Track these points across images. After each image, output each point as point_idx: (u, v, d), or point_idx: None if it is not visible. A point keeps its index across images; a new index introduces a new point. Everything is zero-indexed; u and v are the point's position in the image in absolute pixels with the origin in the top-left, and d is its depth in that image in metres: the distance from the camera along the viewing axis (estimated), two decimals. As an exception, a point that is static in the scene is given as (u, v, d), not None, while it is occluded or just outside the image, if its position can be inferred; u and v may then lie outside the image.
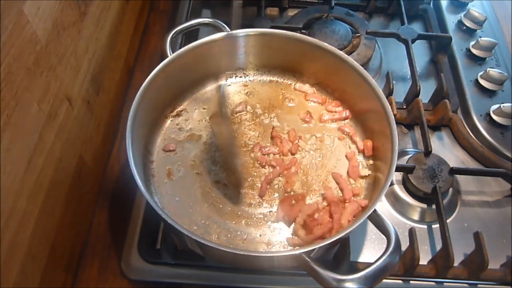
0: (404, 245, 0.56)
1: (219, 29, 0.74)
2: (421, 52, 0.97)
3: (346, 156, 0.71)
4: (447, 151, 0.82)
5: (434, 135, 0.85)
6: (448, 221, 0.72)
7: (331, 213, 0.63)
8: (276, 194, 0.67)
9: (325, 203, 0.65)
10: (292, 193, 0.67)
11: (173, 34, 0.72)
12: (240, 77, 0.80)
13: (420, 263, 0.65)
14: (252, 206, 0.66)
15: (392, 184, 0.76)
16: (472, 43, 0.93)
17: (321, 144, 0.73)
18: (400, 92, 0.87)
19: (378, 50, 0.95)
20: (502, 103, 0.84)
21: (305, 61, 0.77)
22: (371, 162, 0.70)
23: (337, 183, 0.68)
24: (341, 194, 0.67)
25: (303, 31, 0.93)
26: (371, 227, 0.72)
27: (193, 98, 0.77)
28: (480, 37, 0.94)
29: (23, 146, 0.51)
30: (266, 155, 0.70)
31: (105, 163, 0.80)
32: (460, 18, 0.98)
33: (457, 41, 0.95)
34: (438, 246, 0.70)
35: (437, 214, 0.70)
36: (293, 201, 0.65)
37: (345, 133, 0.73)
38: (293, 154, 0.71)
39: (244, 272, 0.66)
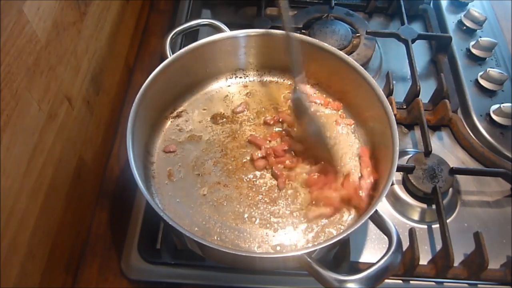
0: (404, 245, 0.56)
1: (219, 30, 0.74)
2: (421, 52, 0.97)
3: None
4: (447, 151, 0.83)
5: (434, 135, 0.85)
6: (448, 221, 0.72)
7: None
8: (275, 194, 0.67)
9: None
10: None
11: (173, 35, 0.72)
12: (240, 77, 0.80)
13: (420, 263, 0.65)
14: (254, 207, 0.66)
15: (392, 184, 0.75)
16: (472, 43, 0.93)
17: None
18: (400, 92, 0.87)
19: (378, 50, 0.95)
20: (502, 103, 0.84)
21: (305, 62, 0.76)
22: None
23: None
24: None
25: (303, 31, 0.93)
26: (371, 227, 0.72)
27: (193, 99, 0.77)
28: (480, 37, 0.94)
29: (23, 146, 0.51)
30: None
31: (105, 163, 0.79)
32: (460, 18, 0.98)
33: (457, 41, 0.95)
34: (438, 246, 0.70)
35: (437, 214, 0.70)
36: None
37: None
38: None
39: (244, 272, 0.66)
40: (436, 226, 0.72)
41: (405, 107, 0.85)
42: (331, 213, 0.64)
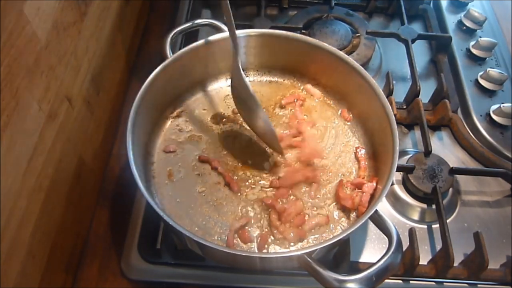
0: (404, 245, 0.56)
1: (219, 30, 0.74)
2: (421, 52, 0.97)
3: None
4: (447, 151, 0.83)
5: (434, 135, 0.85)
6: (448, 221, 0.72)
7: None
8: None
9: None
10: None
11: (173, 35, 0.72)
12: (240, 77, 0.80)
13: (420, 263, 0.65)
14: (254, 207, 0.66)
15: (392, 184, 0.75)
16: (472, 43, 0.93)
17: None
18: (400, 92, 0.87)
19: (378, 50, 0.95)
20: (502, 103, 0.84)
21: (305, 62, 0.77)
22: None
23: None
24: None
25: (303, 31, 0.93)
26: (371, 227, 0.72)
27: (193, 99, 0.77)
28: (480, 37, 0.94)
29: (23, 146, 0.51)
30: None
31: (105, 163, 0.79)
32: (460, 18, 0.98)
33: (457, 41, 0.95)
34: (438, 246, 0.70)
35: (437, 214, 0.70)
36: None
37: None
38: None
39: (244, 272, 0.66)
40: (436, 226, 0.72)
41: (405, 107, 0.85)
42: (326, 221, 0.64)
